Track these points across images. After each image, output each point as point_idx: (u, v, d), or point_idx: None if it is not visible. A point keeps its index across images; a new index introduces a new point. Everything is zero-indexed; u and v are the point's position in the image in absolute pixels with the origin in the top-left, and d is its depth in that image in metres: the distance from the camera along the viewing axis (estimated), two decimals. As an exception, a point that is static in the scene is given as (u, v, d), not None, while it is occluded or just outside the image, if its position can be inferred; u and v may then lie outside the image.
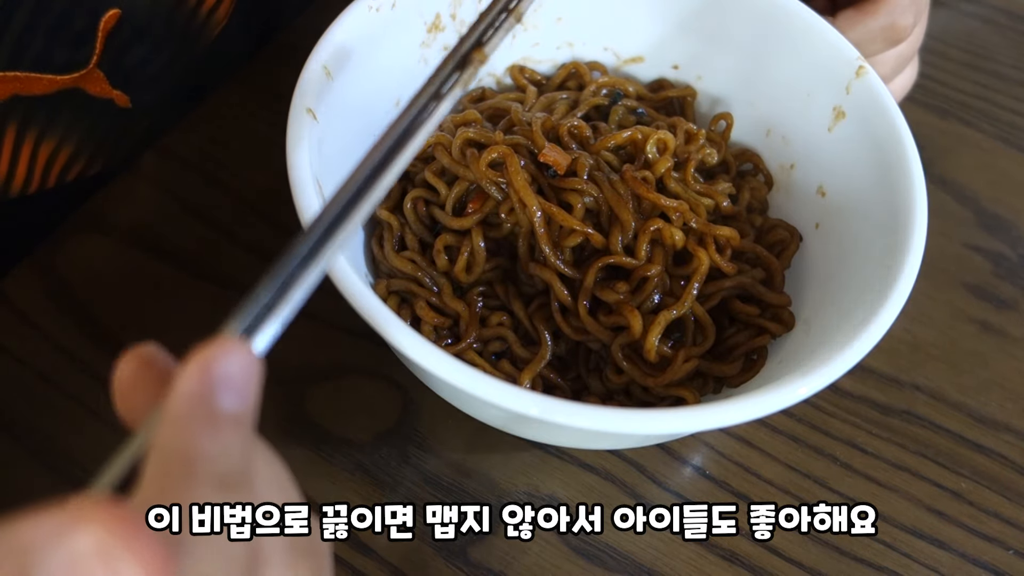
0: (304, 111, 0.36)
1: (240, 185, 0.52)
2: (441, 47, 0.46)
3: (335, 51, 0.39)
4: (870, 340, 0.33)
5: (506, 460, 0.43)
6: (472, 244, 0.41)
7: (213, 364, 0.20)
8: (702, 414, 0.31)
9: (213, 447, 0.20)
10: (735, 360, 0.41)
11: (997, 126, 0.61)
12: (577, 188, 0.40)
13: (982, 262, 0.53)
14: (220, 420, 0.20)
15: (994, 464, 0.45)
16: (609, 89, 0.48)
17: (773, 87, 0.47)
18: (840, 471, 0.44)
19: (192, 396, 0.20)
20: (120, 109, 0.50)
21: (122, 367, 0.22)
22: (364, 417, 0.44)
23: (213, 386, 0.20)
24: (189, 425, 0.19)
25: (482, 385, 0.30)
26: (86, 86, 0.46)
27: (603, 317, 0.40)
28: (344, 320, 0.47)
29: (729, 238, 0.41)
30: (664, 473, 0.43)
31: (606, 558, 0.41)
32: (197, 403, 0.20)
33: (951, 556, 0.42)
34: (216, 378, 0.20)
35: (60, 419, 0.43)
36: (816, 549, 0.41)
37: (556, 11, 0.49)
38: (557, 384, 0.41)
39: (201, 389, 0.20)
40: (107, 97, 0.48)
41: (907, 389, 0.47)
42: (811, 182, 0.45)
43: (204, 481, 0.19)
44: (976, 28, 0.67)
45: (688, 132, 0.44)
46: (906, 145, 0.39)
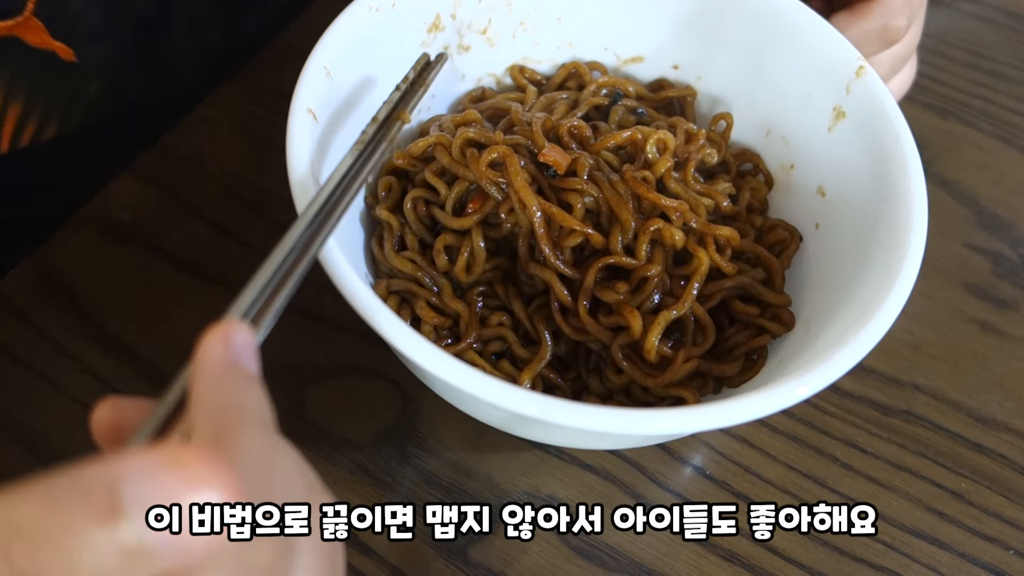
0: (304, 111, 0.36)
1: (240, 185, 0.52)
2: (441, 47, 0.46)
3: (335, 51, 0.39)
4: (870, 340, 0.33)
5: (506, 460, 0.43)
6: (472, 244, 0.41)
7: (231, 335, 0.23)
8: (702, 414, 0.31)
9: (253, 399, 0.23)
10: (735, 360, 0.41)
11: (997, 126, 0.61)
12: (577, 188, 0.40)
13: (982, 262, 0.53)
14: (252, 378, 0.23)
15: (994, 464, 0.45)
16: (609, 89, 0.48)
17: (773, 87, 0.47)
18: (840, 471, 0.44)
19: (223, 361, 0.22)
20: (65, 64, 0.49)
21: (98, 412, 0.24)
22: (364, 417, 0.44)
23: (237, 352, 0.23)
24: (232, 382, 0.22)
25: (482, 385, 0.30)
26: (24, 35, 0.45)
27: (603, 317, 0.40)
28: (344, 320, 0.47)
29: (729, 238, 0.41)
30: (664, 473, 0.43)
31: (606, 558, 0.41)
32: (230, 366, 0.22)
33: (951, 556, 0.42)
34: (238, 345, 0.23)
35: (60, 419, 0.43)
36: (816, 549, 0.41)
37: (556, 11, 0.49)
38: (557, 384, 0.41)
39: (228, 355, 0.23)
40: (48, 49, 0.47)
41: (907, 389, 0.47)
42: (811, 182, 0.45)
43: (254, 426, 0.22)
44: (976, 28, 0.67)
45: (688, 132, 0.44)
46: (906, 145, 0.39)
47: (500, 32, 0.48)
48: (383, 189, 0.43)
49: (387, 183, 0.43)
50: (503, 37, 0.48)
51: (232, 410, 0.22)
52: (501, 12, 0.47)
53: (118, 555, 0.18)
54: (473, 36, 0.47)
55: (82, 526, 0.18)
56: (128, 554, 0.18)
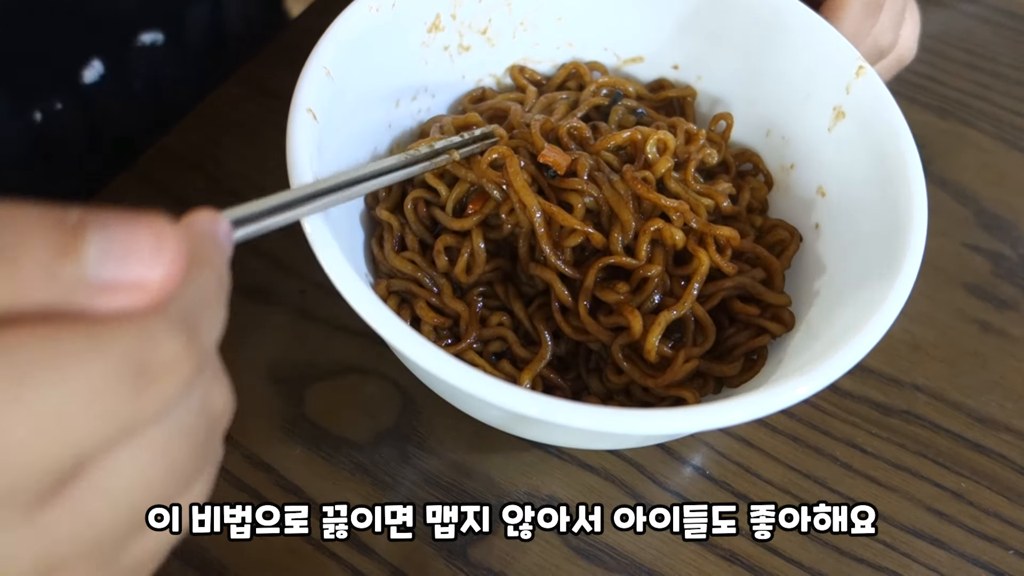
0: (304, 111, 0.36)
1: (240, 185, 0.52)
2: (441, 47, 0.46)
3: (335, 51, 0.39)
4: (870, 340, 0.33)
5: (506, 460, 0.43)
6: (472, 245, 0.41)
7: (218, 219, 0.22)
8: (702, 414, 0.31)
9: (219, 256, 0.22)
10: (735, 360, 0.41)
11: (997, 126, 0.61)
12: (577, 188, 0.40)
13: (982, 262, 0.53)
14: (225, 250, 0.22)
15: (994, 464, 0.45)
16: (609, 89, 0.48)
17: (773, 87, 0.47)
18: (840, 471, 0.44)
19: (206, 232, 0.22)
20: None
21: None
22: (364, 417, 0.44)
23: (221, 230, 0.22)
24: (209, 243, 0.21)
25: (482, 385, 0.30)
26: None
27: (603, 317, 0.40)
28: (344, 320, 0.47)
29: (729, 238, 0.41)
30: (664, 473, 0.43)
31: (606, 558, 0.41)
32: (210, 238, 0.22)
33: (951, 556, 0.42)
34: (220, 223, 0.22)
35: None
36: (816, 549, 0.41)
37: (556, 11, 0.49)
38: (557, 384, 0.41)
39: (212, 225, 0.22)
40: None
41: (907, 389, 0.47)
42: (811, 182, 0.45)
43: (211, 272, 0.21)
44: (976, 28, 0.67)
45: (688, 132, 0.44)
46: (906, 145, 0.39)
47: (500, 32, 0.48)
48: (383, 190, 0.43)
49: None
50: (503, 37, 0.48)
51: (198, 256, 0.21)
52: (501, 12, 0.47)
53: (72, 285, 0.17)
54: (473, 36, 0.47)
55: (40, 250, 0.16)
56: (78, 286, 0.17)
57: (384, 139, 0.45)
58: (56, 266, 0.17)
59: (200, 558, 0.39)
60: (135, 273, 0.18)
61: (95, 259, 0.17)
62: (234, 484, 0.41)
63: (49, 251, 0.17)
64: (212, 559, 0.39)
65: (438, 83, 0.47)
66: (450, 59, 0.47)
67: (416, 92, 0.46)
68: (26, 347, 0.16)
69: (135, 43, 0.55)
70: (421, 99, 0.47)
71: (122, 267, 0.17)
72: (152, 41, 0.56)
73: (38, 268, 0.16)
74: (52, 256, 0.17)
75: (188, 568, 0.39)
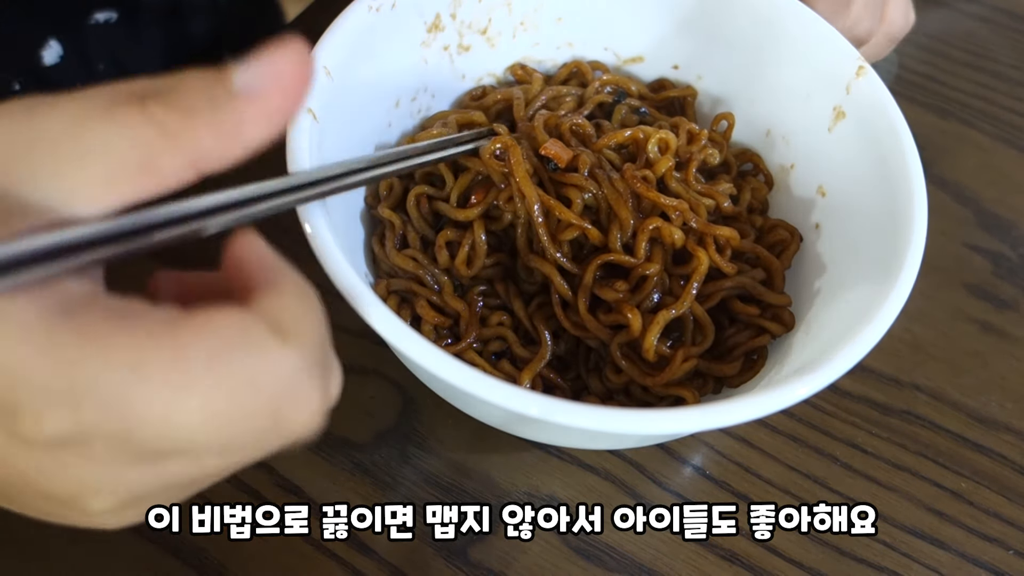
0: (304, 111, 0.36)
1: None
2: (441, 47, 0.46)
3: (335, 51, 0.39)
4: (870, 340, 0.33)
5: (506, 460, 0.43)
6: (474, 237, 0.41)
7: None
8: (702, 414, 0.31)
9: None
10: (735, 360, 0.41)
11: (997, 126, 0.61)
12: (577, 184, 0.40)
13: (982, 262, 0.53)
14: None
15: (994, 464, 0.45)
16: (613, 87, 0.48)
17: (773, 87, 0.47)
18: (840, 471, 0.44)
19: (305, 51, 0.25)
20: None
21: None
22: (364, 417, 0.44)
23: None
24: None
25: (482, 385, 0.30)
26: None
27: (602, 315, 0.40)
28: (344, 320, 0.46)
29: (729, 238, 0.41)
30: (664, 473, 0.43)
31: (606, 558, 0.41)
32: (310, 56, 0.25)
33: (951, 556, 0.42)
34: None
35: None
36: (816, 549, 0.41)
37: (556, 11, 0.49)
38: (557, 384, 0.41)
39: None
40: None
41: (907, 389, 0.47)
42: (811, 182, 0.45)
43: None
44: (976, 28, 0.67)
45: (690, 132, 0.44)
46: (906, 145, 0.39)
47: (500, 32, 0.48)
48: (384, 189, 0.43)
49: (388, 183, 0.43)
50: (503, 37, 0.48)
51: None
52: (501, 12, 0.47)
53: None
54: (473, 36, 0.47)
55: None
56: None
57: (384, 139, 0.45)
58: (213, 90, 0.22)
59: (200, 558, 0.39)
60: (271, 72, 0.23)
61: (238, 78, 0.22)
62: (234, 484, 0.41)
63: (208, 83, 0.23)
64: (212, 559, 0.39)
65: (438, 83, 0.47)
66: (450, 59, 0.47)
67: (416, 92, 0.46)
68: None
69: (88, 21, 0.55)
70: (421, 99, 0.47)
71: (258, 76, 0.23)
72: (106, 19, 0.56)
73: (201, 97, 0.22)
74: (209, 84, 0.22)
75: (188, 568, 0.39)
